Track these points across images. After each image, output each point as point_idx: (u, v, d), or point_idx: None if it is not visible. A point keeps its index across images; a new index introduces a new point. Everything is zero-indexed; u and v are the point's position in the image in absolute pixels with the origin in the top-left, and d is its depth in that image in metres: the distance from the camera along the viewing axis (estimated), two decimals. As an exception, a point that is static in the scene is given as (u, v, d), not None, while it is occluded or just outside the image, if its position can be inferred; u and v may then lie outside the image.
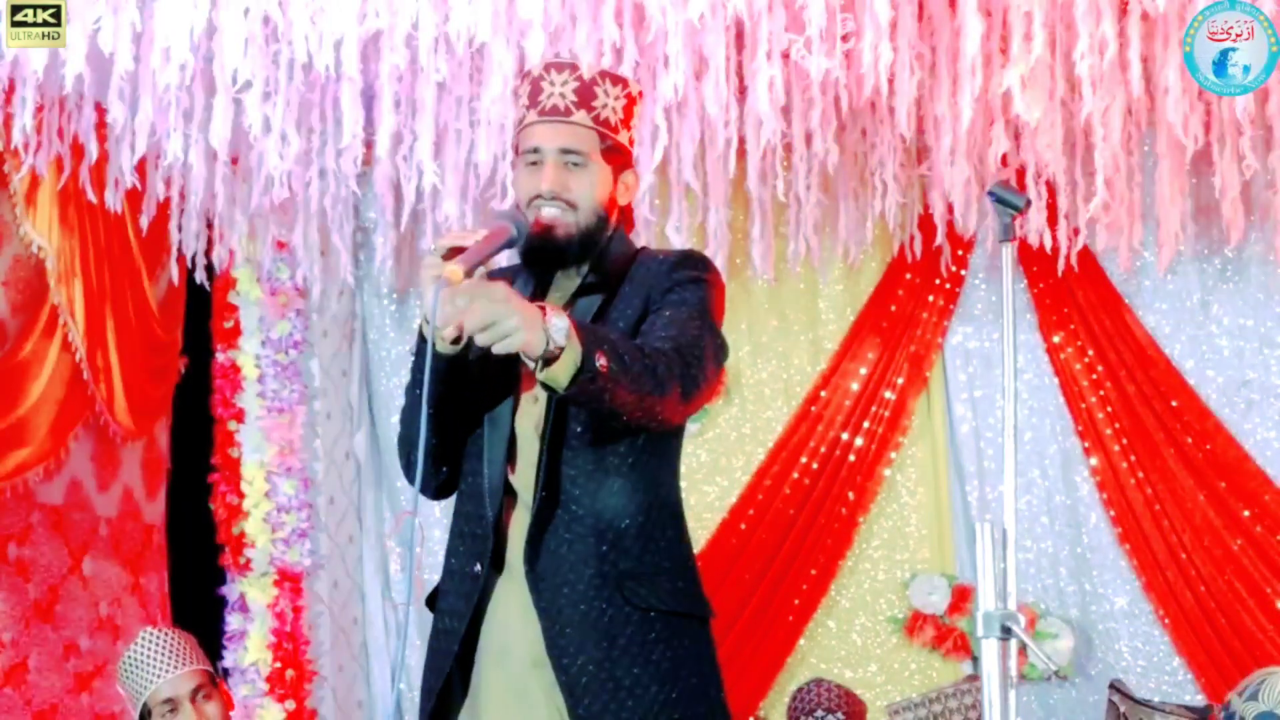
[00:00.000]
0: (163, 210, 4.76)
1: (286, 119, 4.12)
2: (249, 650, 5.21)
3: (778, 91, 3.81)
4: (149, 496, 5.38)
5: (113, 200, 4.47)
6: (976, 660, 5.07)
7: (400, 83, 4.11)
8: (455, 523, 2.67)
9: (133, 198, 4.60)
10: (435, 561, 5.47)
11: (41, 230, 4.57)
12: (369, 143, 4.28)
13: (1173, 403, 5.17)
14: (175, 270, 4.93)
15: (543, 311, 2.25)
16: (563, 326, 2.26)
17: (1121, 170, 4.48)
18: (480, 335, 2.22)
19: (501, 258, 2.63)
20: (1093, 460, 5.26)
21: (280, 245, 5.23)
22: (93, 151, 4.34)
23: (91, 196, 4.45)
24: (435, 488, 2.71)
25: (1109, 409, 5.22)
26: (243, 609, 5.25)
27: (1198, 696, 5.01)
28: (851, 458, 5.41)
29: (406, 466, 2.69)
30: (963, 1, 3.82)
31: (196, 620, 5.34)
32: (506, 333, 2.21)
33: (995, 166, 4.32)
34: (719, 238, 4.76)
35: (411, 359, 2.63)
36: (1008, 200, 2.47)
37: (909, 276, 5.40)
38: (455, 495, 2.69)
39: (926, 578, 5.34)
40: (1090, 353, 5.25)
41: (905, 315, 5.41)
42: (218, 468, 5.37)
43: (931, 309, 5.41)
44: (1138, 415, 5.20)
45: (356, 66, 3.79)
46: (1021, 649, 2.32)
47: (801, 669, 5.39)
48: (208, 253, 4.97)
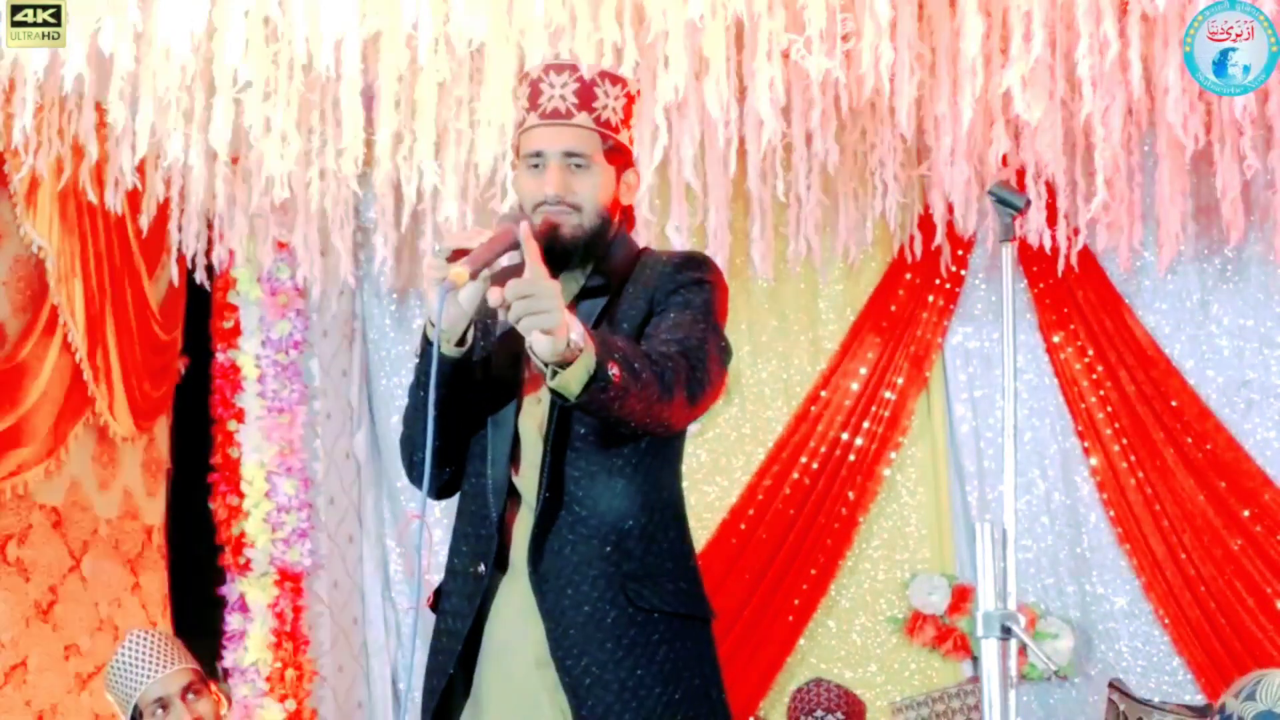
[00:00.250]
0: (163, 210, 4.76)
1: (286, 119, 4.11)
2: (249, 650, 5.21)
3: (778, 91, 3.81)
4: (149, 496, 5.38)
5: (113, 200, 4.47)
6: (976, 660, 5.07)
7: (400, 83, 4.11)
8: (458, 523, 2.67)
9: (133, 198, 4.60)
10: (436, 561, 5.47)
11: (41, 230, 4.57)
12: (369, 143, 4.28)
13: (1173, 403, 5.17)
14: (175, 270, 4.94)
15: None
16: (580, 330, 2.26)
17: (1121, 170, 4.48)
18: (519, 303, 2.19)
19: (503, 259, 2.63)
20: (1093, 460, 5.26)
21: (280, 245, 5.22)
22: (93, 152, 4.34)
23: (91, 197, 4.45)
24: (437, 488, 2.70)
25: (1109, 409, 5.22)
26: (243, 609, 5.24)
27: (1198, 696, 5.01)
28: (851, 458, 5.41)
29: (409, 466, 2.68)
30: (963, 1, 3.82)
31: (196, 620, 5.35)
32: (544, 309, 2.19)
33: (995, 166, 4.32)
34: (719, 238, 4.76)
35: (415, 360, 2.62)
36: (1008, 200, 2.47)
37: (909, 276, 5.40)
38: (458, 495, 2.69)
39: (926, 578, 5.34)
40: (1090, 353, 5.25)
41: (905, 315, 5.41)
42: (218, 468, 5.37)
43: (931, 309, 5.40)
44: (1138, 415, 5.20)
45: (357, 66, 3.79)
46: (1021, 649, 2.32)
47: (801, 669, 5.39)
48: (208, 253, 4.97)
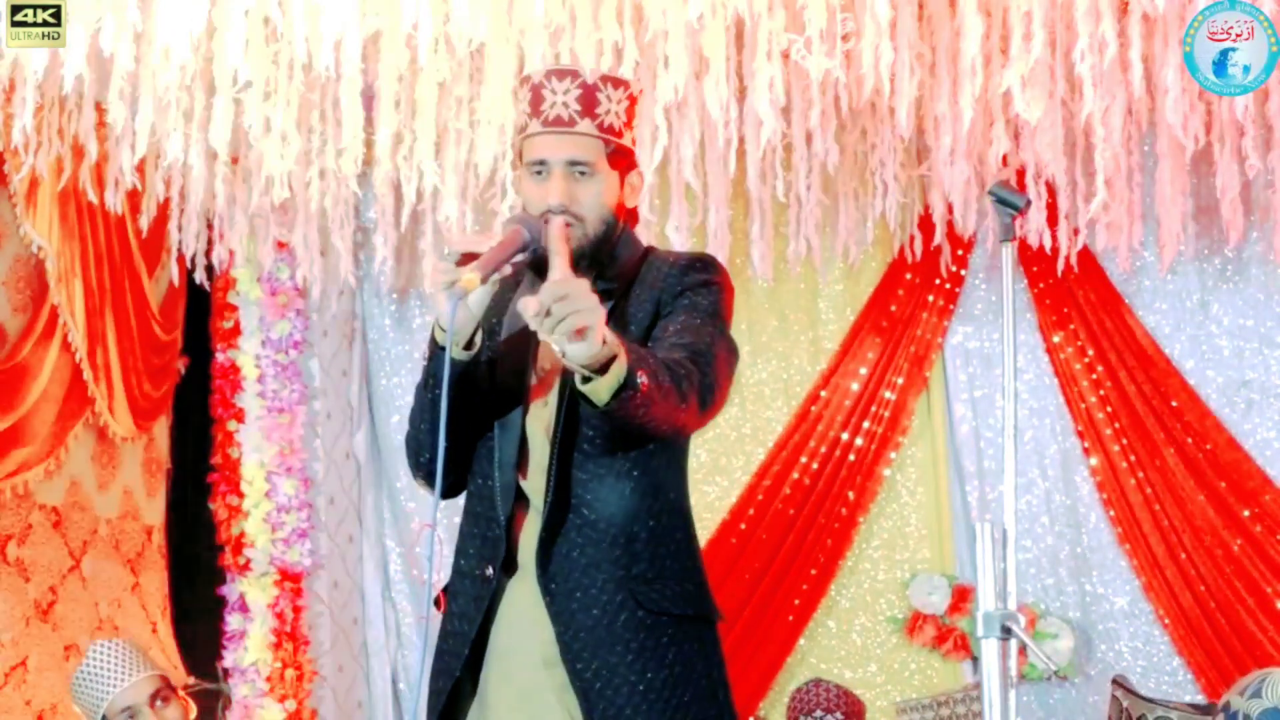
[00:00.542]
0: (163, 210, 4.76)
1: (286, 119, 4.11)
2: (249, 650, 5.21)
3: (778, 91, 3.80)
4: (149, 496, 5.38)
5: (113, 200, 4.47)
6: (976, 660, 5.07)
7: (400, 83, 4.11)
8: (464, 524, 2.67)
9: (133, 198, 4.60)
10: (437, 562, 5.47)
11: (41, 230, 4.57)
12: (369, 143, 4.28)
13: (1173, 403, 5.17)
14: (175, 270, 4.93)
15: None
16: (613, 337, 2.26)
17: (1121, 170, 4.48)
18: (557, 306, 2.17)
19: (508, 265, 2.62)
20: (1093, 460, 5.26)
21: (280, 245, 5.22)
22: (93, 151, 4.34)
23: (92, 196, 4.45)
24: (442, 490, 2.70)
25: (1109, 409, 5.22)
26: (243, 609, 5.24)
27: (1198, 697, 5.01)
28: (851, 458, 5.41)
29: (415, 466, 2.68)
30: (963, 1, 3.82)
31: (196, 620, 5.35)
32: (582, 307, 2.18)
33: (995, 166, 4.32)
34: (719, 238, 4.76)
35: (415, 360, 2.62)
36: (1008, 200, 2.47)
37: (909, 276, 5.40)
38: (465, 496, 2.68)
39: (926, 578, 5.34)
40: (1090, 353, 5.26)
41: (905, 315, 5.41)
42: (218, 468, 5.37)
43: (931, 309, 5.41)
44: (1138, 415, 5.20)
45: (357, 66, 3.79)
46: (1021, 649, 2.32)
47: (801, 669, 5.39)
48: (208, 253, 4.97)
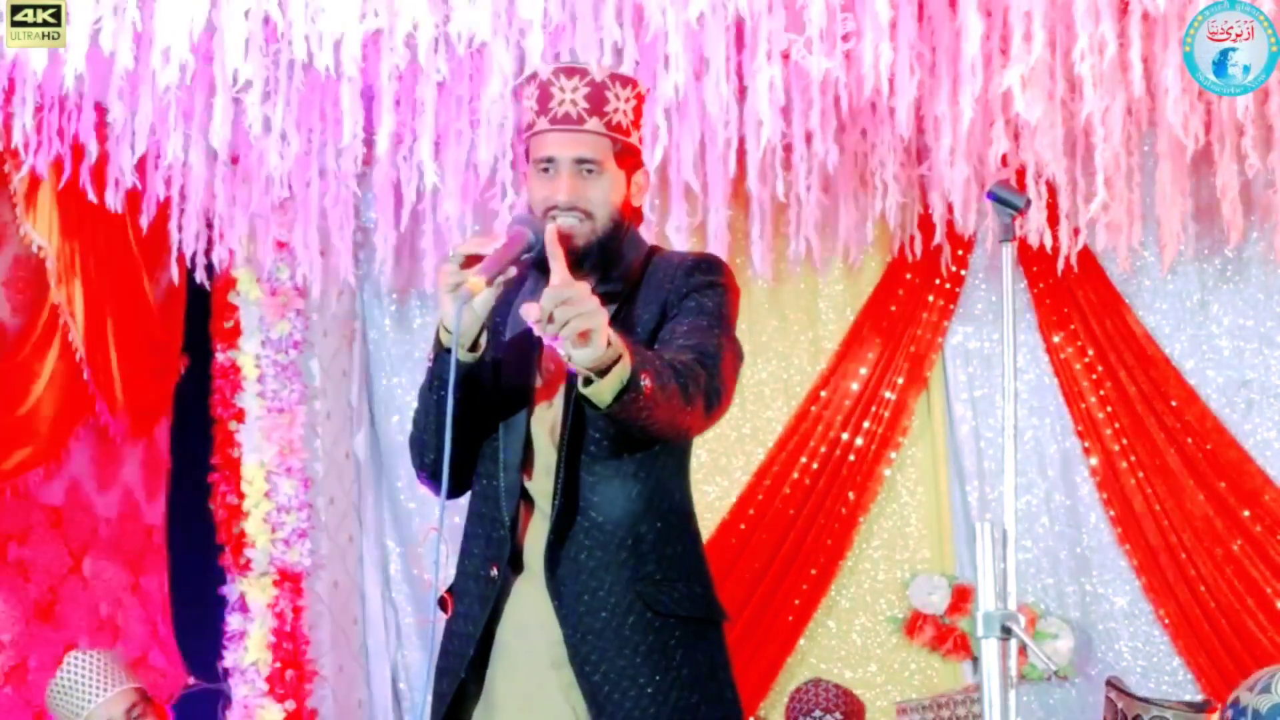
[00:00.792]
0: (163, 210, 4.76)
1: (286, 119, 4.11)
2: (249, 650, 5.21)
3: (778, 91, 3.81)
4: (149, 496, 5.38)
5: (113, 200, 4.47)
6: (976, 660, 5.07)
7: (400, 83, 4.11)
8: (469, 525, 2.66)
9: (133, 198, 4.60)
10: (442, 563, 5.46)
11: (41, 230, 4.57)
12: (369, 143, 4.28)
13: (1173, 403, 5.16)
14: (175, 270, 4.93)
15: None
16: (616, 339, 2.26)
17: (1121, 170, 4.48)
18: (560, 310, 2.18)
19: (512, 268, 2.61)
20: (1093, 460, 5.26)
21: (280, 245, 5.22)
22: (93, 151, 4.34)
23: (92, 196, 4.45)
24: (447, 491, 2.70)
25: (1109, 409, 5.22)
26: (243, 609, 5.24)
27: (1198, 697, 5.00)
28: (851, 458, 5.41)
29: (419, 467, 2.68)
30: (963, 1, 3.82)
31: (196, 620, 5.36)
32: (585, 310, 2.19)
33: (995, 166, 4.32)
34: (719, 238, 4.76)
35: (415, 360, 2.62)
36: (1008, 200, 2.47)
37: (909, 276, 5.39)
38: (469, 497, 2.67)
39: (926, 578, 5.34)
40: (1090, 353, 5.25)
41: (905, 315, 5.41)
42: (218, 468, 5.36)
43: (931, 309, 5.40)
44: (1138, 415, 5.19)
45: (356, 66, 3.79)
46: (1021, 649, 2.32)
47: (801, 669, 5.39)
48: (208, 253, 4.97)
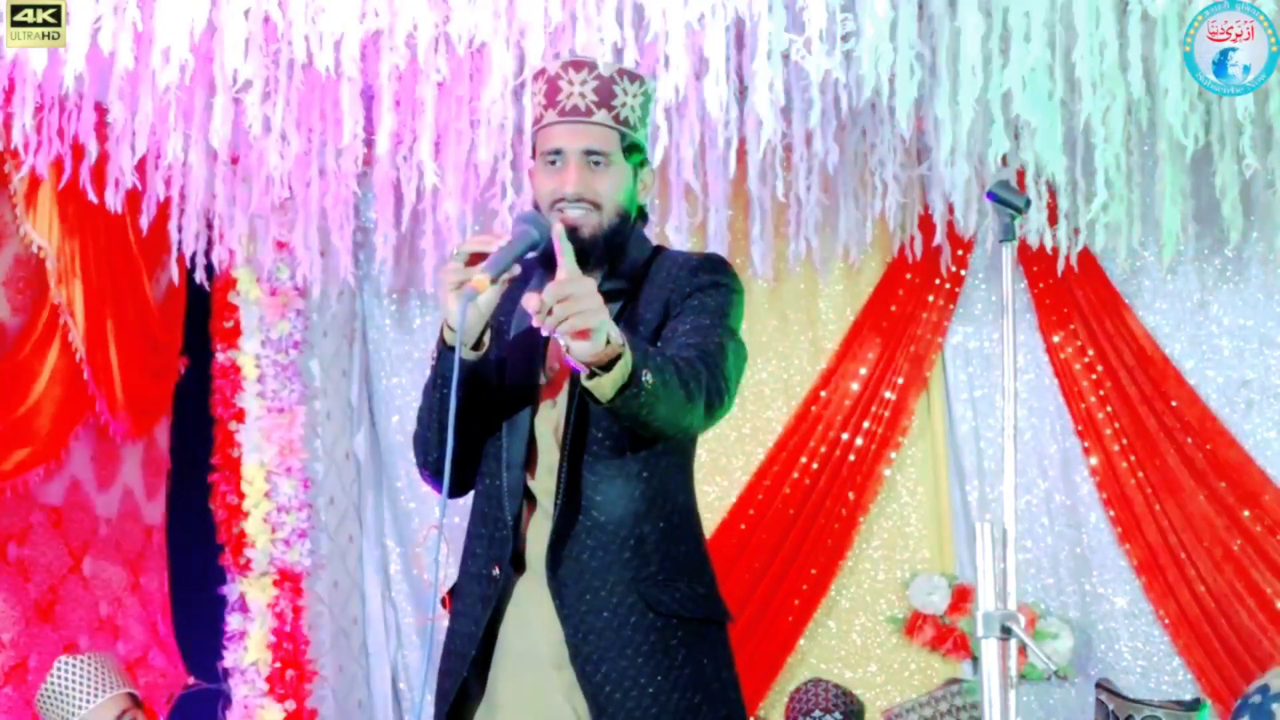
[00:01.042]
0: (163, 210, 4.76)
1: (286, 119, 4.11)
2: (249, 650, 5.21)
3: (778, 91, 3.80)
4: (149, 496, 5.38)
5: (113, 200, 4.47)
6: (976, 660, 5.07)
7: (400, 83, 4.11)
8: (472, 524, 2.65)
9: (133, 198, 4.60)
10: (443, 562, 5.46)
11: (41, 230, 4.57)
12: (369, 143, 4.28)
13: (1173, 403, 5.17)
14: (175, 270, 4.93)
15: None
16: (616, 329, 2.26)
17: (1121, 170, 4.48)
18: (559, 306, 2.19)
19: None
20: (1092, 460, 5.26)
21: (280, 245, 5.22)
22: (93, 151, 4.34)
23: (92, 196, 4.45)
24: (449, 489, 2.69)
25: (1109, 409, 5.22)
26: (243, 609, 5.24)
27: (1188, 696, 5.01)
28: (851, 458, 5.41)
29: (422, 465, 2.68)
30: (963, 1, 3.82)
31: (196, 620, 5.35)
32: (585, 308, 2.19)
33: (995, 166, 4.32)
34: (719, 238, 4.76)
35: (414, 360, 2.61)
36: (1008, 200, 2.47)
37: (909, 276, 5.40)
38: (473, 495, 2.67)
39: (926, 578, 5.34)
40: (1090, 353, 5.25)
41: (905, 315, 5.41)
42: (218, 468, 5.36)
43: (931, 309, 5.40)
44: (1138, 415, 5.19)
45: (356, 66, 3.79)
46: (1021, 649, 2.32)
47: (801, 669, 5.39)
48: (208, 253, 4.97)
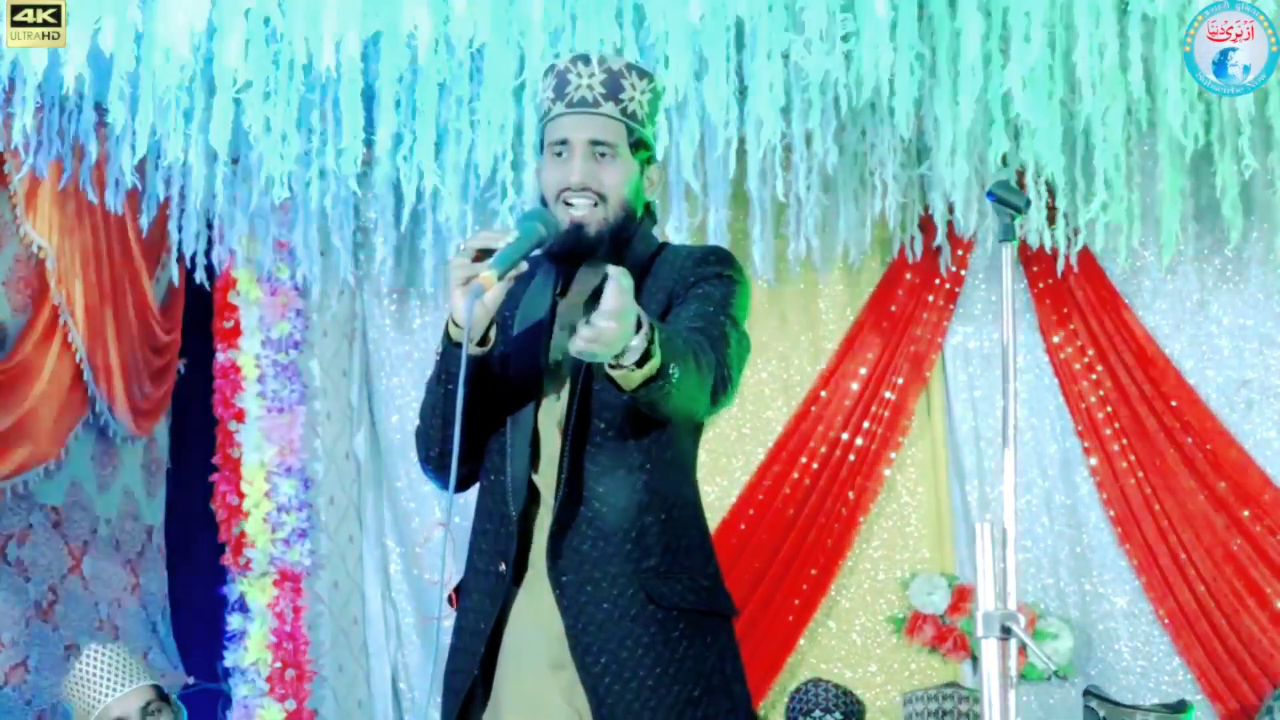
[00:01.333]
0: (163, 210, 4.77)
1: (286, 119, 4.11)
2: (249, 650, 5.21)
3: (778, 91, 3.81)
4: (149, 496, 5.38)
5: (113, 200, 4.48)
6: (976, 660, 5.07)
7: (400, 83, 4.11)
8: (477, 520, 2.64)
9: (133, 198, 4.60)
10: (436, 562, 5.47)
11: (41, 230, 4.57)
12: (369, 143, 4.28)
13: (1173, 403, 5.17)
14: (175, 270, 4.94)
15: None
16: (647, 330, 2.25)
17: (1121, 170, 4.48)
18: (589, 348, 2.19)
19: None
20: (1092, 460, 5.26)
21: (280, 245, 5.23)
22: (93, 152, 4.34)
23: (92, 196, 4.45)
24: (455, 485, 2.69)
25: (1109, 409, 5.22)
26: (243, 609, 5.24)
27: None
28: (851, 458, 5.41)
29: (425, 460, 2.67)
30: (963, 1, 3.83)
31: (196, 620, 5.36)
32: (608, 349, 2.19)
33: (995, 166, 4.32)
34: (719, 238, 4.76)
35: (433, 359, 2.60)
36: (1008, 200, 2.47)
37: (909, 276, 5.40)
38: (478, 492, 2.66)
39: (926, 578, 5.34)
40: (1090, 353, 5.25)
41: (905, 315, 5.41)
42: (218, 468, 5.37)
43: (931, 309, 5.40)
44: (1138, 415, 5.19)
45: (356, 66, 3.79)
46: (1021, 649, 2.31)
47: (801, 669, 5.39)
48: (208, 253, 4.98)
